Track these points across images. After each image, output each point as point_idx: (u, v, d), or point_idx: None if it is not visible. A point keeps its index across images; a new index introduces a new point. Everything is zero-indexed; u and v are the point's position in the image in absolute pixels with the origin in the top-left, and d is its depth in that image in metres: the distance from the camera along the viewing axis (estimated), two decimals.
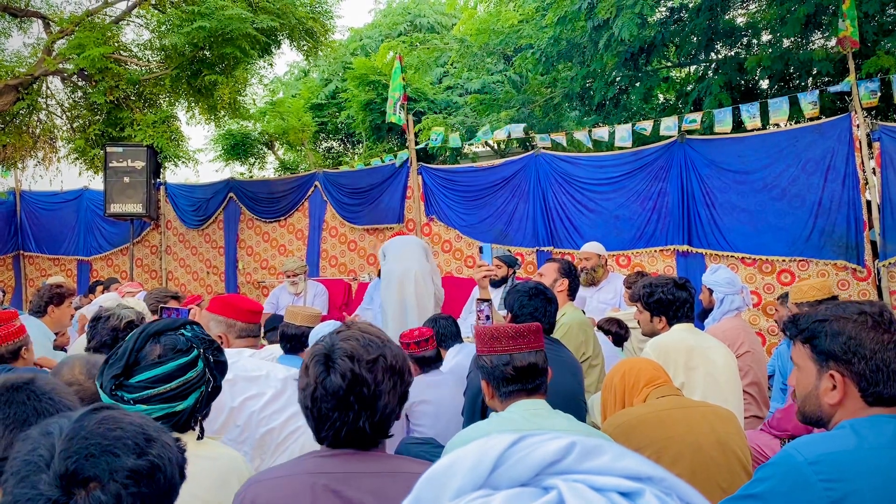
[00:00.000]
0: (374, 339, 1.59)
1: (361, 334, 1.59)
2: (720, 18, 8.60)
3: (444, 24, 14.50)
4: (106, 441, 0.95)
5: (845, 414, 1.58)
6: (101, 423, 0.97)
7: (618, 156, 7.13)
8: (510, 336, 2.14)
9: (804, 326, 1.66)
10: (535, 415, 2.08)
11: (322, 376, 1.52)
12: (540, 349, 2.17)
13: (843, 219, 5.84)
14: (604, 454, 0.56)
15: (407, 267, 5.79)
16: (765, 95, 8.17)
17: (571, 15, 8.30)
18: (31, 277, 10.03)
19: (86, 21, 8.20)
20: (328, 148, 14.65)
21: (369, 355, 1.55)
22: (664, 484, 0.55)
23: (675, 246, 6.63)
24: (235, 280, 9.30)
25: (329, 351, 1.55)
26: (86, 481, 0.91)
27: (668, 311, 3.29)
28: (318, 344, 1.61)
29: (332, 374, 1.51)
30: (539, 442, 0.56)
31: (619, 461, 0.55)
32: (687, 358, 3.11)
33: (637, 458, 0.56)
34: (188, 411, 1.68)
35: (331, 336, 1.61)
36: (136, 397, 1.60)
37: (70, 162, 9.09)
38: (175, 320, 1.78)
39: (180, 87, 8.44)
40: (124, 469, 0.94)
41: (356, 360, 1.53)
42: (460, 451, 0.58)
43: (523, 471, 0.55)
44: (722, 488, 2.20)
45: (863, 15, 6.81)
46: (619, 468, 0.55)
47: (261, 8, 7.79)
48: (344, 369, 1.51)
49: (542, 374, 2.15)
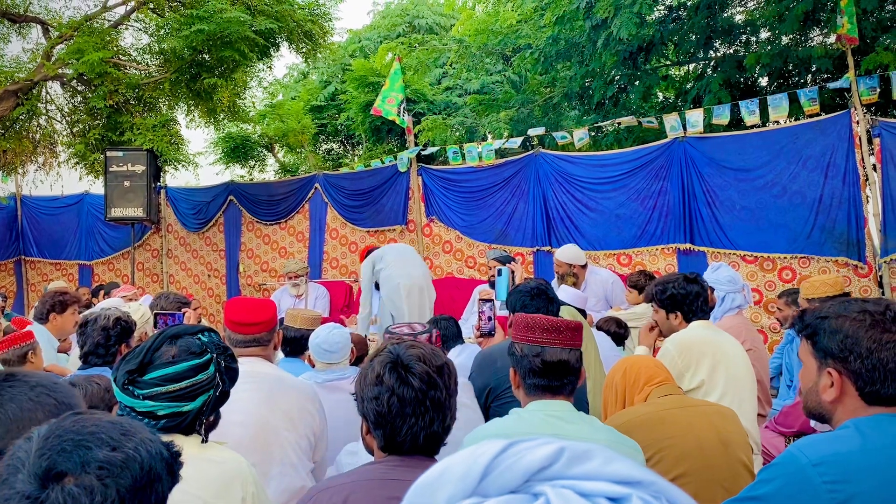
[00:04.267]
0: (431, 348, 1.66)
1: (420, 344, 1.65)
2: (719, 16, 8.59)
3: (442, 24, 14.48)
4: (79, 436, 0.95)
5: (845, 411, 1.58)
6: (77, 422, 0.98)
7: (618, 154, 7.13)
8: (546, 328, 2.06)
9: (807, 322, 1.66)
10: (557, 417, 2.01)
11: (399, 381, 1.55)
12: (575, 348, 2.08)
13: (844, 215, 5.84)
14: (593, 459, 0.56)
15: (412, 274, 5.82)
16: (764, 93, 8.16)
17: (570, 14, 8.29)
18: (32, 282, 10.04)
19: (84, 26, 8.20)
20: (328, 150, 14.64)
21: (437, 361, 1.60)
22: (653, 488, 0.55)
23: (677, 244, 6.63)
24: (237, 283, 9.30)
25: (398, 358, 1.58)
26: (60, 476, 0.91)
27: (682, 306, 3.26)
28: (378, 355, 1.63)
29: (412, 378, 1.54)
30: (528, 448, 0.56)
31: (607, 466, 0.55)
32: (709, 354, 3.08)
33: (627, 463, 0.56)
34: (194, 413, 1.71)
35: (390, 347, 1.63)
36: (145, 393, 1.65)
37: (70, 167, 9.09)
38: (194, 326, 1.82)
39: (180, 90, 8.45)
40: (96, 461, 0.93)
41: (429, 365, 1.57)
42: (450, 458, 0.58)
43: (512, 478, 0.55)
44: (724, 488, 2.20)
45: (861, 11, 6.80)
46: (607, 473, 0.55)
47: (259, 11, 7.79)
48: (421, 373, 1.55)
49: (573, 374, 2.07)
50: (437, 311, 5.77)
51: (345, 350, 3.31)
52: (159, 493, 1.01)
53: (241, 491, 1.75)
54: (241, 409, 2.43)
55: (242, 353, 2.63)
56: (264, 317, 2.66)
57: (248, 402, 2.46)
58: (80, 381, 2.33)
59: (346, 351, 3.33)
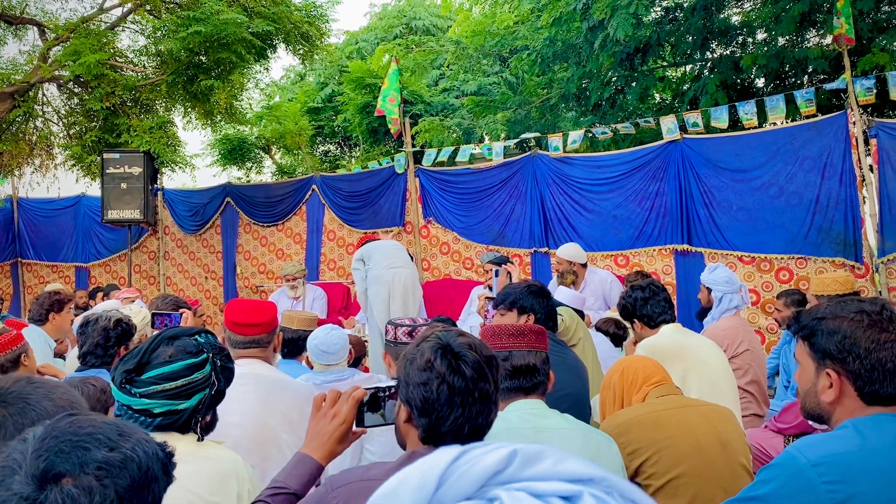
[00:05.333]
0: (477, 338, 1.60)
1: (468, 333, 1.59)
2: (715, 17, 8.61)
3: (439, 26, 14.50)
4: (76, 437, 0.95)
5: (844, 412, 1.58)
6: (73, 423, 0.98)
7: (615, 156, 7.13)
8: (511, 334, 2.16)
9: (804, 323, 1.66)
10: (533, 414, 2.07)
11: (450, 369, 1.49)
12: (541, 350, 2.17)
13: (841, 216, 5.85)
14: (545, 459, 0.57)
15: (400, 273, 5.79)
16: (761, 94, 8.17)
17: (566, 16, 8.30)
18: (29, 285, 10.02)
19: (81, 28, 8.19)
20: (325, 151, 14.65)
21: (486, 352, 1.55)
22: (605, 483, 0.56)
23: (674, 245, 6.63)
24: (234, 285, 9.29)
25: (448, 345, 1.52)
26: (58, 477, 0.91)
27: (635, 314, 3.47)
28: (425, 340, 1.56)
29: (464, 367, 1.49)
30: (481, 454, 0.57)
31: (559, 465, 0.56)
32: (680, 357, 3.12)
33: (578, 461, 0.57)
34: (190, 411, 1.74)
35: (439, 333, 1.57)
36: (142, 391, 1.68)
37: (67, 169, 9.08)
38: (191, 329, 1.86)
39: (176, 92, 8.44)
40: (95, 462, 0.93)
41: (479, 355, 1.52)
42: (405, 471, 0.58)
43: (467, 485, 0.55)
44: (723, 488, 2.20)
45: (857, 12, 6.82)
46: (559, 472, 0.56)
47: (256, 13, 7.79)
48: (472, 362, 1.50)
49: (541, 375, 2.14)
50: (435, 312, 5.78)
51: (343, 351, 3.31)
52: (156, 493, 1.01)
53: (236, 487, 1.77)
54: (239, 410, 2.43)
55: (242, 354, 2.63)
56: (264, 318, 2.66)
57: (246, 404, 2.45)
58: (76, 383, 2.32)
59: (345, 352, 3.33)
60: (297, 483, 1.62)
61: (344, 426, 1.65)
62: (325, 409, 1.67)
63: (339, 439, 1.65)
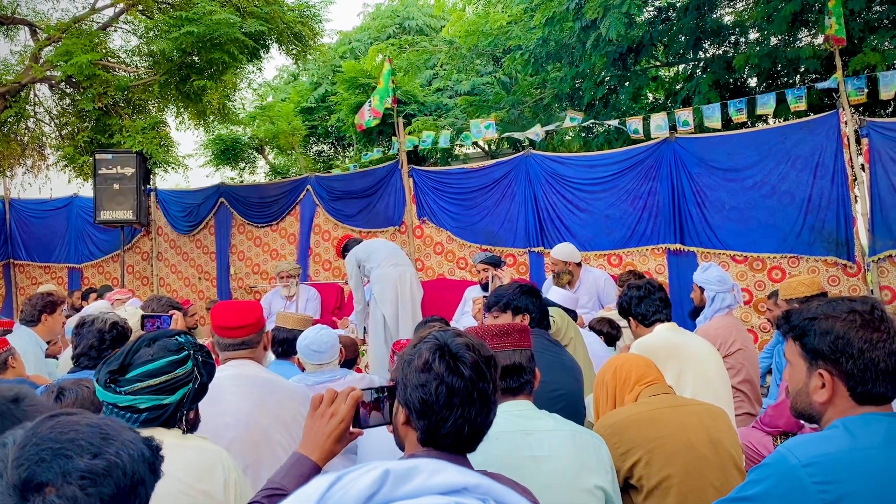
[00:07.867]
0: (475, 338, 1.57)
1: (466, 333, 1.57)
2: (707, 17, 8.64)
3: (432, 26, 14.49)
4: (58, 444, 0.93)
5: (836, 412, 1.59)
6: (53, 428, 0.95)
7: (608, 155, 7.15)
8: (495, 334, 2.11)
9: (795, 323, 1.66)
10: (521, 416, 2.03)
11: (449, 370, 1.46)
12: (525, 348, 2.12)
13: (833, 215, 5.88)
14: (417, 475, 0.57)
15: (405, 271, 5.82)
16: (753, 93, 8.20)
17: (559, 16, 8.31)
18: (21, 286, 9.96)
19: (73, 28, 8.15)
20: (319, 151, 14.62)
21: (485, 352, 1.52)
22: (479, 491, 0.57)
23: (667, 244, 6.65)
24: (228, 285, 9.26)
25: (445, 346, 1.49)
26: (40, 486, 0.89)
27: (630, 312, 3.51)
28: (423, 341, 1.54)
29: (462, 368, 1.46)
30: (353, 479, 0.58)
31: (432, 478, 0.57)
32: (674, 356, 3.13)
33: (454, 470, 0.58)
34: (174, 405, 1.79)
35: (436, 333, 1.55)
36: (127, 389, 1.74)
37: (59, 169, 9.03)
38: (170, 331, 1.91)
39: (169, 92, 8.41)
40: (78, 471, 0.91)
41: (478, 355, 1.49)
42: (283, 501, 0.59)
43: None
44: (714, 487, 2.20)
45: (849, 12, 6.85)
46: (432, 486, 0.56)
47: (249, 13, 7.77)
48: (471, 362, 1.47)
49: (527, 374, 2.09)
50: (429, 312, 5.77)
51: (333, 351, 3.30)
52: (142, 497, 1.00)
53: (222, 475, 1.80)
54: (232, 411, 2.42)
55: (232, 356, 2.62)
56: (250, 319, 2.65)
57: (239, 405, 2.45)
58: (69, 385, 2.31)
59: (335, 352, 3.33)
60: (293, 484, 1.60)
61: (342, 426, 1.63)
62: (323, 409, 1.65)
63: (336, 439, 1.63)
